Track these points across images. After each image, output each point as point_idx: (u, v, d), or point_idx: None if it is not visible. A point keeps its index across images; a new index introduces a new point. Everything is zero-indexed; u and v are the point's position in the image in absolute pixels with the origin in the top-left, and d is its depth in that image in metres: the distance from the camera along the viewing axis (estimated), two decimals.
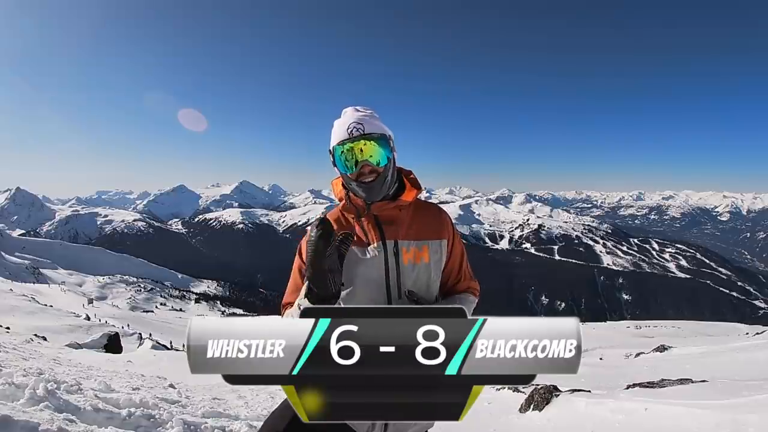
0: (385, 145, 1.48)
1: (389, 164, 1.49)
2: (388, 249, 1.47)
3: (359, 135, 1.45)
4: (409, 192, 1.55)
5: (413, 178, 1.60)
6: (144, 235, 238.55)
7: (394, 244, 1.47)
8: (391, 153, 1.50)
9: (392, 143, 1.51)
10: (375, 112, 1.54)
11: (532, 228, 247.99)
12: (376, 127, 1.48)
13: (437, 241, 1.53)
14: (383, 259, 1.46)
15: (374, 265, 1.46)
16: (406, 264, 1.46)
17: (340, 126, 1.49)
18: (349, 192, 1.54)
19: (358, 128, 1.45)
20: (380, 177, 1.46)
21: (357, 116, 1.48)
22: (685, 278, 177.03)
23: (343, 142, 1.46)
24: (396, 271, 1.45)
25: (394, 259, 1.46)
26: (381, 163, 1.46)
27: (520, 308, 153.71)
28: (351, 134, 1.45)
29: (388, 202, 1.50)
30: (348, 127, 1.46)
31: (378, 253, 1.46)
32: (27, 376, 3.89)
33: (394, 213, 1.51)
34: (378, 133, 1.47)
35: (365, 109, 1.54)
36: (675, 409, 3.71)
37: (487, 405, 5.82)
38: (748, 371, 6.82)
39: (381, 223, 1.50)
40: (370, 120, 1.49)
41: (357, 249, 1.48)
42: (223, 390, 6.10)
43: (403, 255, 1.47)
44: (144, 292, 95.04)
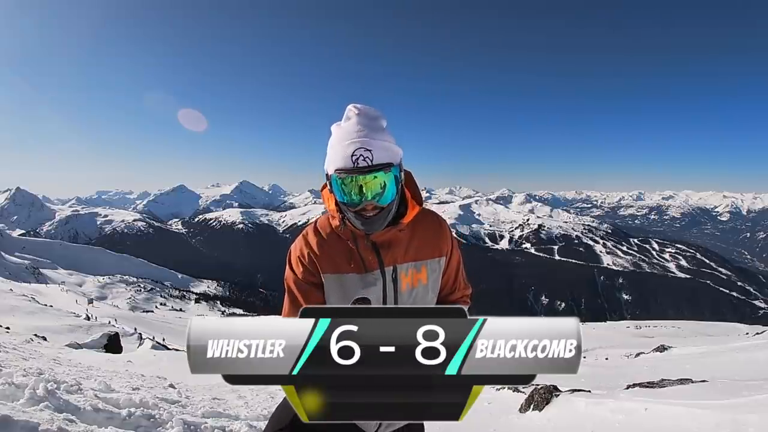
0: (395, 177, 1.27)
1: (396, 198, 1.31)
2: (387, 276, 1.36)
3: (366, 167, 1.21)
4: (411, 212, 1.40)
5: (415, 188, 1.44)
6: (144, 235, 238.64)
7: (393, 270, 1.37)
8: (398, 185, 1.30)
9: (401, 167, 1.32)
10: (383, 118, 1.31)
11: (532, 228, 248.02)
12: (387, 155, 1.24)
13: (436, 259, 1.44)
14: (382, 287, 1.37)
15: (372, 293, 1.36)
16: (404, 290, 1.38)
17: (342, 144, 1.24)
18: (344, 215, 1.34)
19: (365, 157, 1.21)
20: (383, 212, 1.29)
21: (363, 137, 1.23)
22: (685, 278, 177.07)
23: (344, 173, 1.23)
24: (393, 298, 1.38)
25: (392, 286, 1.37)
26: (387, 201, 1.27)
27: (520, 308, 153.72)
28: (356, 163, 1.21)
29: (388, 229, 1.35)
30: (353, 154, 1.21)
31: (376, 282, 1.37)
32: (27, 376, 3.89)
33: (394, 236, 1.38)
34: (388, 165, 1.24)
35: (373, 116, 1.28)
36: (675, 409, 3.71)
37: (487, 405, 5.82)
38: (748, 371, 6.82)
39: (380, 247, 1.37)
40: (379, 142, 1.24)
41: (356, 275, 1.36)
42: (223, 390, 6.10)
43: (401, 281, 1.38)
44: (144, 292, 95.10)
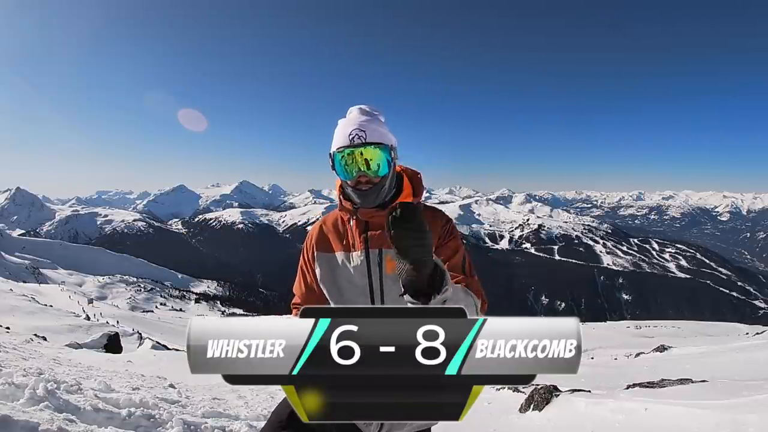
0: (386, 155, 1.43)
1: (388, 174, 1.45)
2: (371, 258, 1.45)
3: (360, 143, 1.41)
4: (404, 198, 1.51)
5: (417, 183, 1.56)
6: (144, 235, 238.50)
7: (378, 252, 1.44)
8: (391, 163, 1.46)
9: (394, 153, 1.46)
10: (381, 114, 1.50)
11: (532, 228, 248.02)
12: (379, 135, 1.43)
13: None
14: (366, 267, 1.45)
15: (357, 273, 1.45)
16: (390, 273, 1.42)
17: (343, 129, 1.45)
18: (343, 195, 1.53)
19: (360, 136, 1.41)
20: (376, 187, 1.43)
21: (360, 121, 1.44)
22: (685, 278, 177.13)
23: (342, 149, 1.43)
24: (379, 281, 1.44)
25: (377, 269, 1.44)
26: (379, 174, 1.43)
27: (520, 308, 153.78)
28: (352, 141, 1.41)
29: (376, 209, 1.46)
30: (350, 133, 1.42)
31: (360, 262, 1.45)
32: (27, 376, 3.89)
33: (383, 220, 1.41)
34: (379, 143, 1.42)
35: (372, 111, 1.49)
36: (675, 409, 3.71)
37: (487, 405, 5.82)
38: (748, 371, 6.82)
39: (369, 230, 1.47)
40: (374, 126, 1.44)
41: (342, 254, 1.49)
42: (223, 390, 6.10)
43: (387, 264, 1.43)
44: (144, 292, 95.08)
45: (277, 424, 1.43)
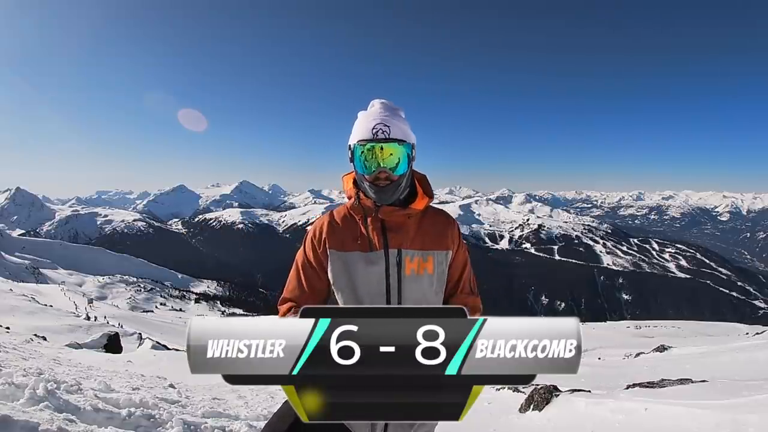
0: (408, 153, 1.42)
1: (407, 172, 1.44)
2: (390, 258, 1.41)
3: (383, 138, 1.38)
4: (421, 200, 1.49)
5: (426, 185, 1.55)
6: (144, 235, 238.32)
7: (397, 252, 1.42)
8: (411, 161, 1.45)
9: (414, 151, 1.45)
10: (403, 110, 1.47)
11: (532, 228, 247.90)
12: (402, 132, 1.41)
13: (443, 252, 1.47)
14: (384, 267, 1.41)
15: (375, 272, 1.41)
16: (409, 274, 1.41)
17: (365, 122, 1.42)
18: (359, 191, 1.48)
19: (384, 131, 1.38)
20: (394, 184, 1.41)
21: (383, 116, 1.41)
22: (685, 278, 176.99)
23: (364, 142, 1.40)
24: (397, 281, 1.40)
25: (396, 269, 1.41)
26: (399, 172, 1.41)
27: (520, 308, 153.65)
28: (375, 135, 1.38)
29: (397, 208, 1.44)
30: (374, 127, 1.39)
31: (379, 261, 1.41)
32: (27, 376, 3.89)
33: (402, 220, 1.45)
34: (402, 140, 1.40)
35: (394, 106, 1.46)
36: (675, 409, 3.71)
37: (487, 405, 5.82)
38: (748, 371, 6.82)
39: (387, 229, 1.44)
40: (397, 122, 1.41)
41: (360, 253, 1.43)
42: (223, 390, 6.09)
43: (406, 265, 1.41)
44: (144, 292, 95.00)
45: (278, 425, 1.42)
